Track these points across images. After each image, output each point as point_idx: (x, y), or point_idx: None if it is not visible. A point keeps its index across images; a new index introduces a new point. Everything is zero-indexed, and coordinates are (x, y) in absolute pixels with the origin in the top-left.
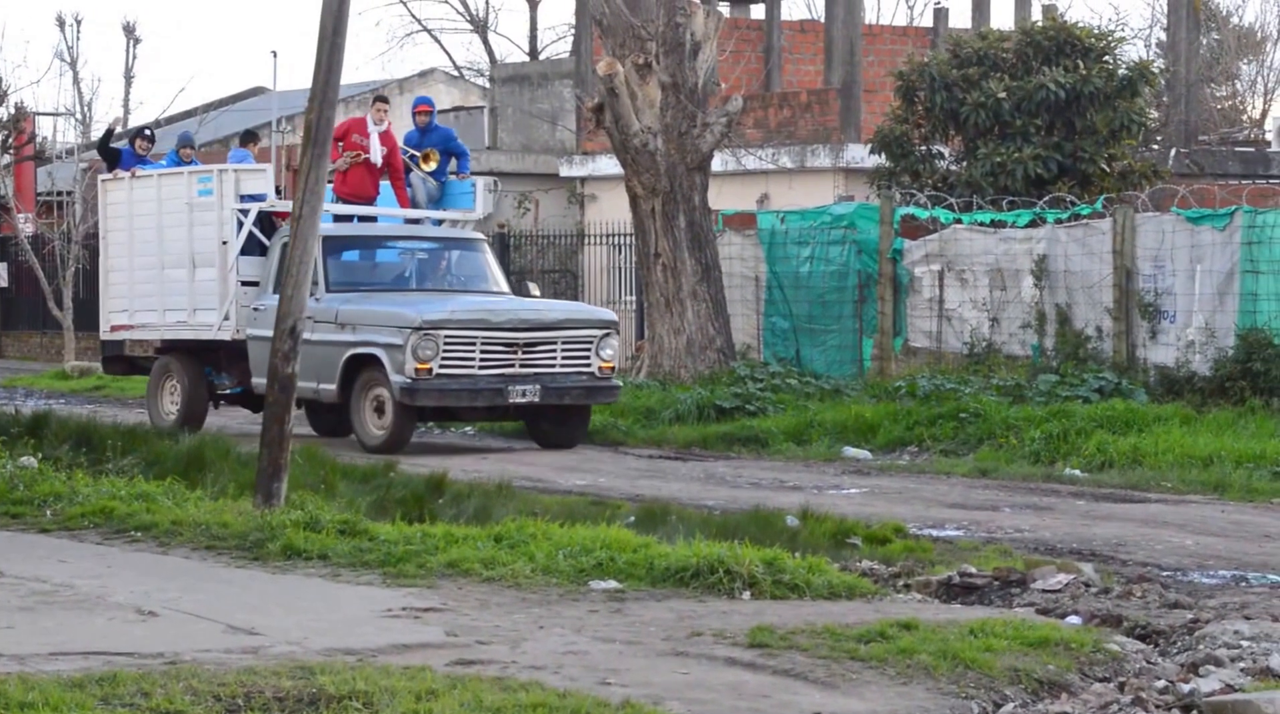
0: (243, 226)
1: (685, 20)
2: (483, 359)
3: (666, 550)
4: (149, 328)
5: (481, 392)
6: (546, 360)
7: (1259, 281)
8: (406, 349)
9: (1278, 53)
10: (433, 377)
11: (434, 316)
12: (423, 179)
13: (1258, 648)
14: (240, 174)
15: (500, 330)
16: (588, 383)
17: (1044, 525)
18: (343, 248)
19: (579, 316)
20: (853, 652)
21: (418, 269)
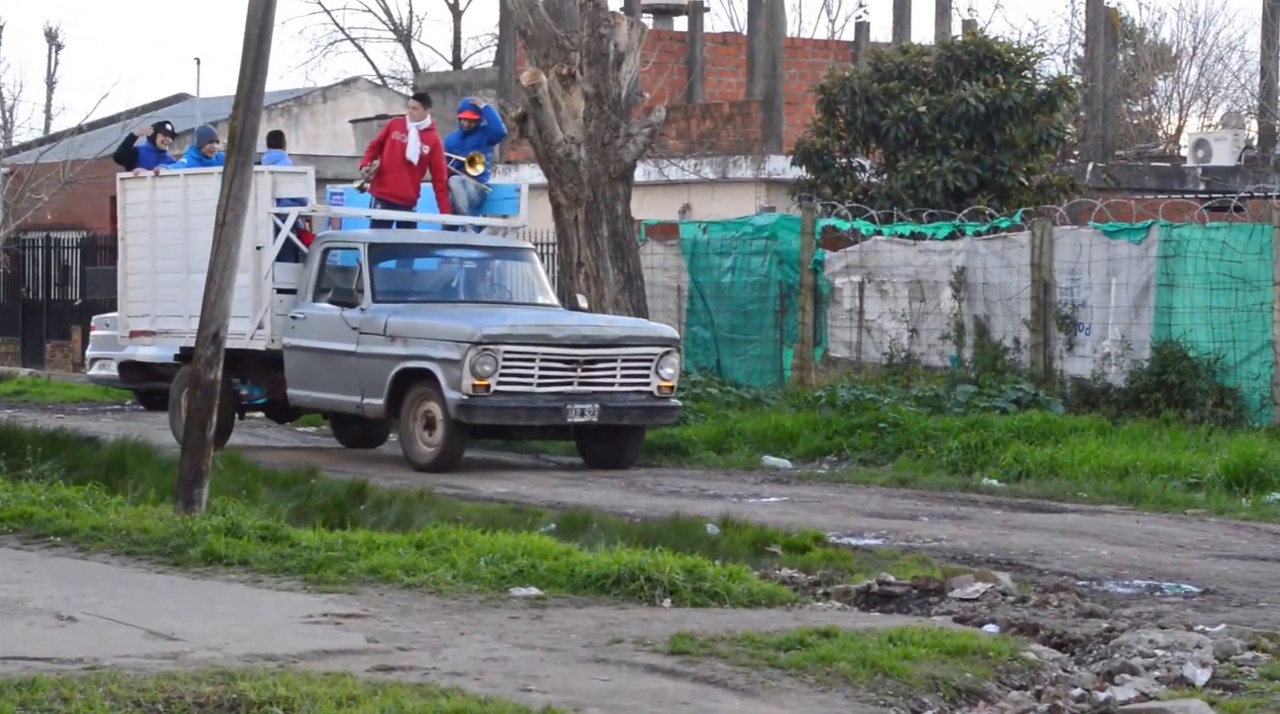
0: (279, 231)
1: (609, 31)
2: (541, 376)
3: (588, 558)
4: (172, 335)
5: (540, 410)
6: (606, 378)
7: (1174, 295)
8: (464, 364)
9: (1193, 69)
10: (490, 394)
11: (493, 331)
12: (463, 183)
13: (1172, 657)
14: (277, 176)
15: (560, 346)
16: (646, 403)
17: (962, 535)
18: (388, 256)
19: (640, 333)
20: (773, 659)
21: (465, 279)
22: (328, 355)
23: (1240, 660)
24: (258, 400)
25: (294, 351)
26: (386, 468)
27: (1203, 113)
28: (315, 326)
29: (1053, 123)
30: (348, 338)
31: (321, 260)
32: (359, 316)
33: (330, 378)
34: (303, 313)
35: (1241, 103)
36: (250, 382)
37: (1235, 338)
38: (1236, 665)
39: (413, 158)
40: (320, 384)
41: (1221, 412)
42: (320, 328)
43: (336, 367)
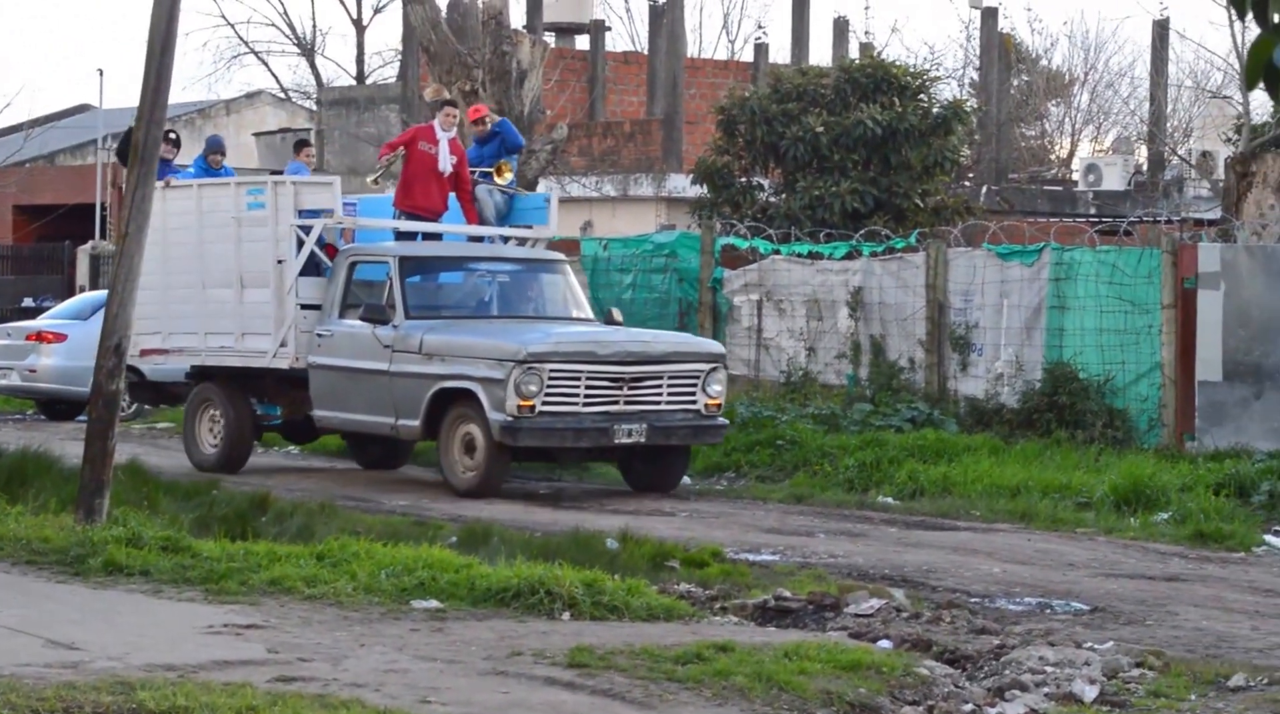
0: (303, 245)
1: (511, 49)
2: (587, 395)
3: (488, 571)
4: (186, 352)
5: (586, 431)
6: (652, 397)
7: (1065, 317)
8: (508, 384)
9: (1084, 95)
10: (535, 415)
11: (539, 348)
12: (490, 192)
13: (1061, 673)
14: (299, 187)
15: (607, 364)
16: (694, 421)
17: (857, 551)
18: (421, 270)
19: (687, 349)
20: (670, 673)
21: (500, 293)
22: (358, 375)
23: (1128, 678)
24: (275, 421)
25: (320, 371)
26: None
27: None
28: (344, 344)
29: (948, 146)
30: (380, 356)
31: (348, 274)
32: (391, 334)
33: (361, 398)
34: (329, 330)
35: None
36: (268, 401)
37: (1125, 360)
38: (1124, 682)
39: (445, 169)
40: (350, 405)
41: (1111, 432)
42: (349, 346)
43: (368, 386)
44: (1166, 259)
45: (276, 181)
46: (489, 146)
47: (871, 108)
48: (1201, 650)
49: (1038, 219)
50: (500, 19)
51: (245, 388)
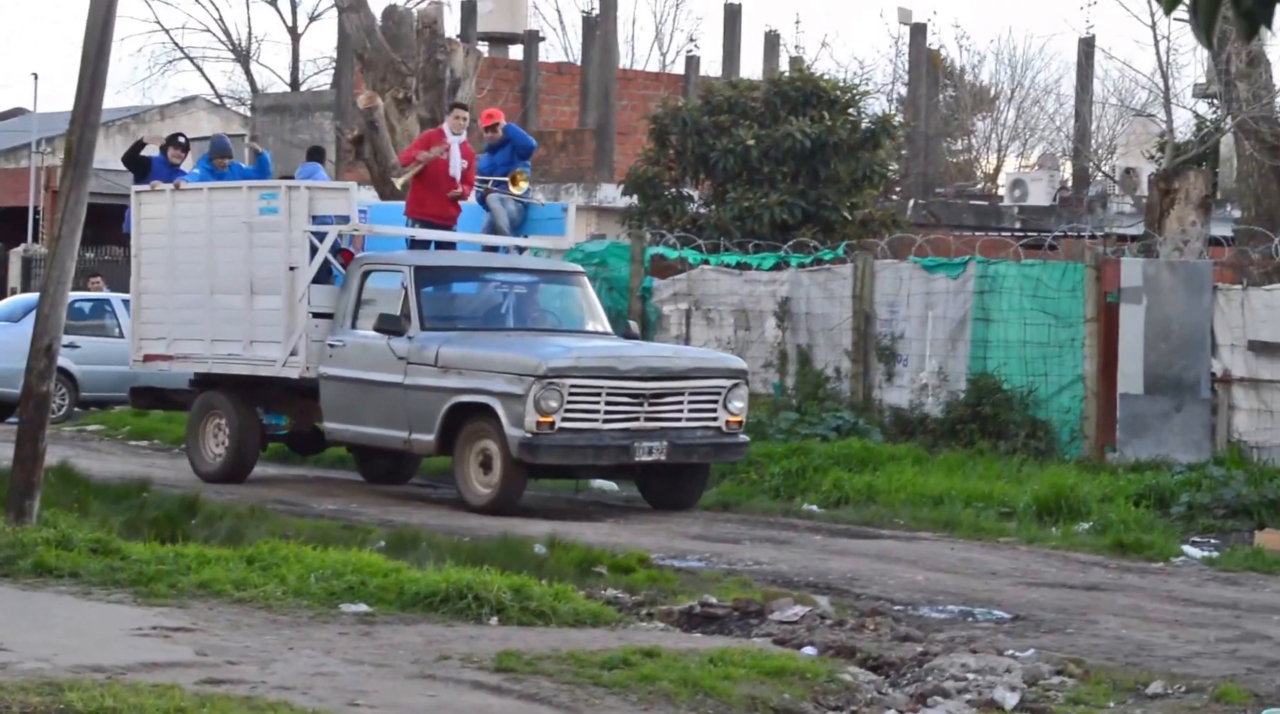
0: (316, 252)
1: (445, 58)
2: (608, 412)
3: (416, 576)
4: (192, 359)
5: (607, 448)
6: (673, 413)
7: (989, 329)
8: (528, 399)
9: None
10: (554, 431)
11: (559, 363)
12: (503, 201)
13: (983, 680)
14: (314, 192)
15: (628, 379)
16: (714, 439)
17: (782, 558)
18: (436, 280)
19: (708, 364)
20: (596, 678)
21: (516, 305)
22: (370, 386)
23: (1048, 685)
24: (280, 431)
25: (332, 382)
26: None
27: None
28: (356, 355)
29: (876, 159)
30: (394, 368)
31: (361, 283)
32: (406, 345)
33: (373, 411)
34: (341, 340)
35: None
36: (275, 411)
37: (1048, 372)
38: (1044, 689)
39: (456, 174)
40: (361, 417)
41: (1033, 443)
42: (362, 356)
43: (381, 399)
44: (1090, 273)
45: (290, 186)
46: (500, 153)
47: (801, 121)
48: (1121, 658)
49: (963, 233)
50: (435, 27)
51: (251, 397)
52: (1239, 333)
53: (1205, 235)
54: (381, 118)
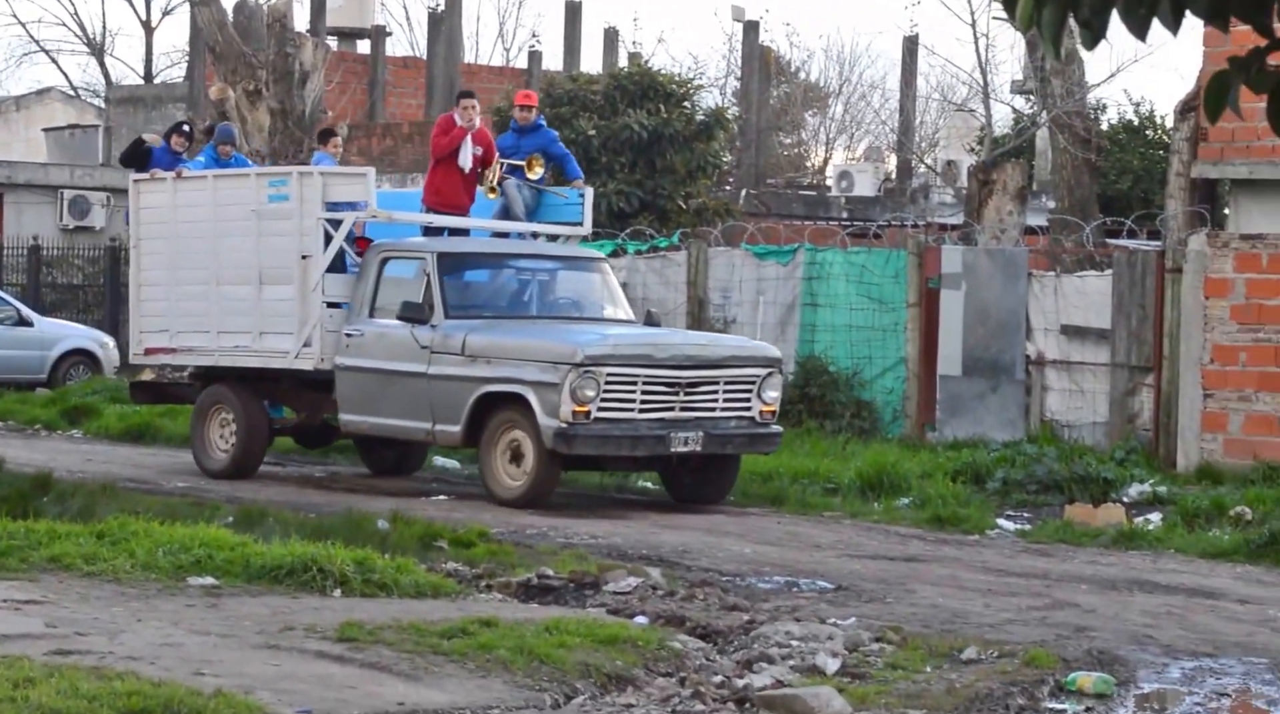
0: (331, 240)
1: (294, 51)
2: (643, 401)
3: (262, 549)
4: (197, 352)
5: (643, 439)
6: (708, 403)
7: (817, 313)
8: (563, 388)
9: (839, 106)
10: (590, 421)
11: (596, 351)
12: (519, 187)
13: (806, 647)
14: (328, 178)
15: (663, 368)
16: (749, 429)
17: (617, 532)
18: (460, 267)
19: (744, 353)
20: (436, 646)
21: (539, 292)
22: (392, 377)
23: (868, 651)
24: (285, 425)
25: (349, 372)
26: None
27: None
28: (376, 345)
29: (710, 151)
30: (417, 358)
31: (379, 272)
32: (430, 334)
33: (394, 402)
34: (359, 329)
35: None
36: (283, 404)
37: (871, 355)
38: (864, 656)
39: (465, 165)
40: (381, 409)
41: (858, 423)
42: (382, 346)
43: (403, 389)
44: (912, 260)
45: (302, 172)
46: (528, 139)
47: (639, 113)
48: (937, 626)
49: (793, 222)
50: (284, 22)
51: (258, 390)
52: (1052, 317)
53: (1021, 224)
54: (233, 108)
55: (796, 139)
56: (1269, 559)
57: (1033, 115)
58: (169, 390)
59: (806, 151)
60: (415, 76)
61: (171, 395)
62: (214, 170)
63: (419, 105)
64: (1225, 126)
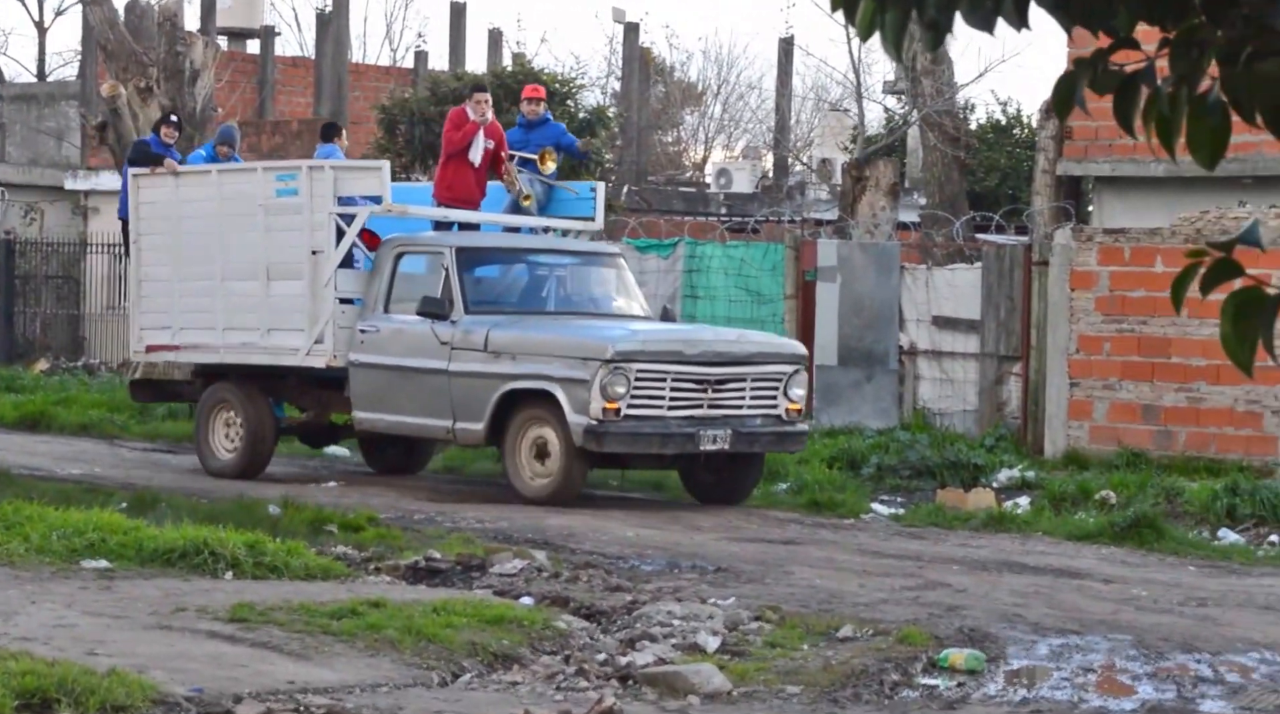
0: (344, 235)
1: (185, 49)
2: (672, 398)
3: (155, 533)
4: (201, 349)
5: (672, 437)
6: (735, 401)
7: (697, 305)
8: (593, 385)
9: (717, 105)
10: (620, 418)
11: (626, 347)
12: (531, 182)
13: (687, 626)
14: (339, 172)
15: (693, 364)
16: (775, 427)
17: (503, 517)
18: (479, 262)
19: (771, 349)
20: (326, 627)
21: (557, 287)
22: (410, 374)
23: (747, 630)
24: (291, 423)
25: (364, 369)
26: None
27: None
28: (393, 341)
29: (591, 148)
30: (437, 354)
31: (394, 267)
32: (449, 329)
33: (412, 399)
34: (374, 325)
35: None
36: (290, 402)
37: None
38: (744, 634)
39: (475, 160)
40: (398, 406)
41: None
42: (400, 342)
43: (421, 386)
44: (789, 254)
45: (312, 166)
46: (536, 133)
47: None
48: (814, 606)
49: (673, 217)
50: (175, 21)
51: (264, 388)
52: (924, 309)
53: (894, 220)
54: (124, 105)
55: (676, 138)
56: (1132, 541)
57: (904, 114)
58: (169, 388)
59: (686, 149)
60: (304, 75)
61: (170, 393)
62: (218, 165)
63: (308, 104)
64: (1089, 125)
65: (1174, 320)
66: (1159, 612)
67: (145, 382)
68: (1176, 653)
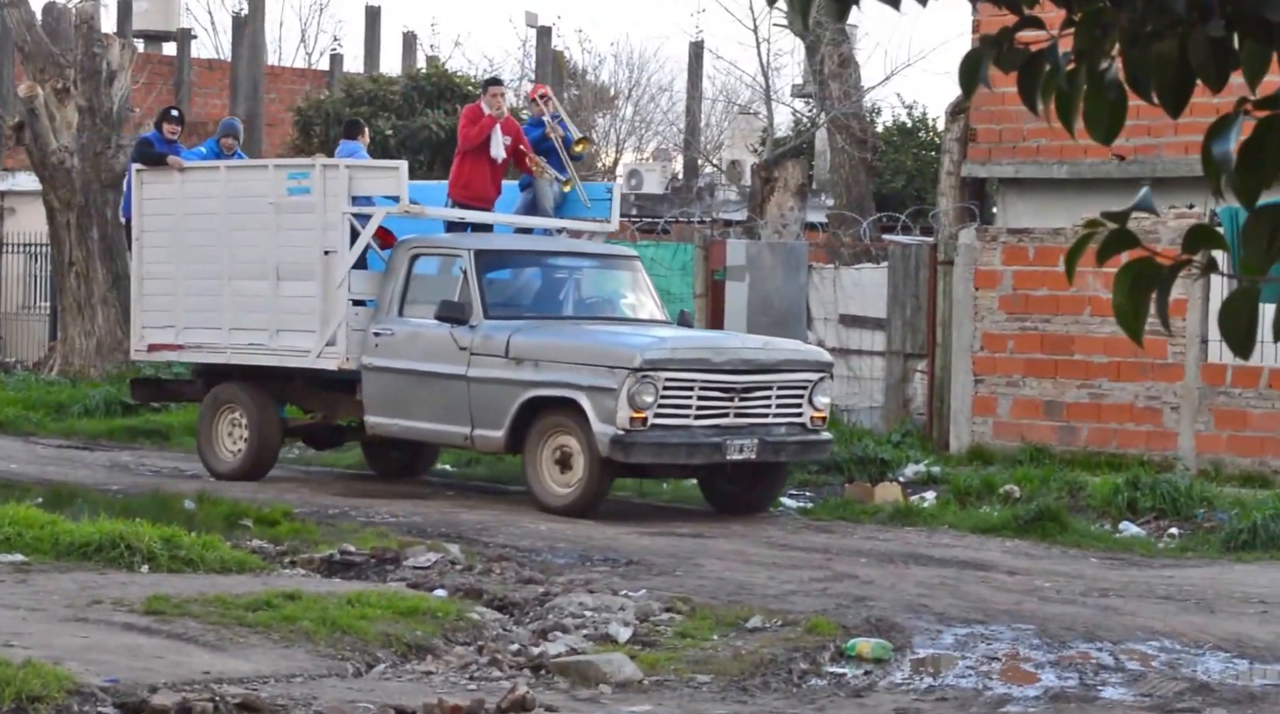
0: (358, 235)
1: (102, 51)
2: (699, 407)
3: (72, 527)
4: (206, 349)
5: (699, 447)
6: (761, 409)
7: None
8: (621, 393)
9: (629, 108)
10: (647, 428)
11: (655, 355)
12: (550, 182)
13: (599, 617)
14: (354, 171)
15: (720, 372)
16: (800, 436)
17: (418, 512)
18: (498, 265)
19: (797, 357)
20: (241, 619)
21: (576, 292)
22: (426, 378)
23: (658, 621)
24: (297, 425)
25: (377, 373)
26: (13, 458)
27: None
28: (408, 345)
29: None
30: (456, 359)
31: (409, 269)
32: (468, 334)
33: (428, 404)
34: (389, 328)
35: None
36: (297, 404)
37: None
38: (655, 625)
39: (498, 156)
40: (413, 411)
41: None
42: (415, 346)
43: (438, 392)
44: (698, 254)
45: (326, 164)
46: (535, 132)
47: (436, 113)
48: (724, 597)
49: None
50: (92, 23)
51: (270, 389)
52: (831, 307)
53: (802, 220)
54: (41, 106)
55: None
56: (1035, 534)
57: (812, 117)
58: (170, 388)
59: (598, 152)
60: (220, 78)
61: (173, 393)
62: (226, 162)
63: (224, 105)
64: (992, 128)
65: (1077, 318)
66: (1062, 602)
67: (145, 381)
68: (1079, 642)
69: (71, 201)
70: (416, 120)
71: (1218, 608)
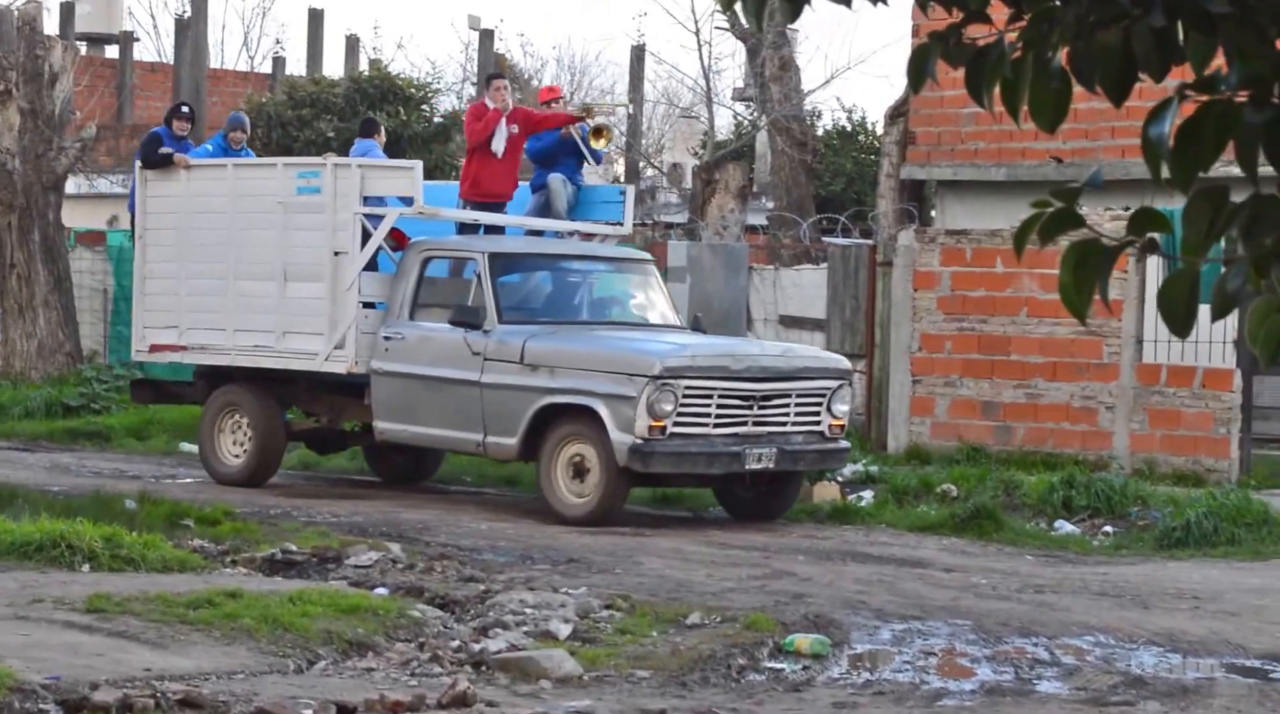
0: (370, 237)
1: (44, 53)
2: (718, 416)
3: (12, 527)
4: (210, 351)
5: (719, 456)
6: (779, 417)
7: None
8: (640, 402)
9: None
10: (666, 437)
11: (674, 362)
12: (564, 182)
13: (539, 614)
14: (366, 171)
15: (739, 380)
16: (819, 445)
17: (359, 511)
18: (512, 268)
19: (816, 364)
20: (182, 616)
21: (591, 296)
22: (438, 384)
23: (598, 618)
24: (301, 429)
25: (387, 377)
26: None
27: None
28: (420, 349)
29: (447, 151)
30: (468, 365)
31: (421, 271)
32: (481, 339)
33: (439, 410)
34: (400, 332)
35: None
36: (297, 407)
37: None
38: (595, 622)
39: (498, 150)
40: (424, 417)
41: None
42: (427, 351)
43: (450, 398)
44: None
45: (337, 164)
46: (550, 134)
47: (379, 115)
48: (663, 594)
49: None
50: (34, 25)
51: (275, 392)
52: (771, 308)
53: (742, 222)
54: None
55: None
56: (972, 532)
57: (753, 120)
58: (170, 389)
59: None
60: (162, 80)
61: (173, 394)
62: (233, 159)
63: (166, 108)
64: (931, 130)
65: (1014, 319)
66: (998, 599)
67: (145, 382)
68: (1015, 637)
69: (12, 203)
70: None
71: (1151, 604)
